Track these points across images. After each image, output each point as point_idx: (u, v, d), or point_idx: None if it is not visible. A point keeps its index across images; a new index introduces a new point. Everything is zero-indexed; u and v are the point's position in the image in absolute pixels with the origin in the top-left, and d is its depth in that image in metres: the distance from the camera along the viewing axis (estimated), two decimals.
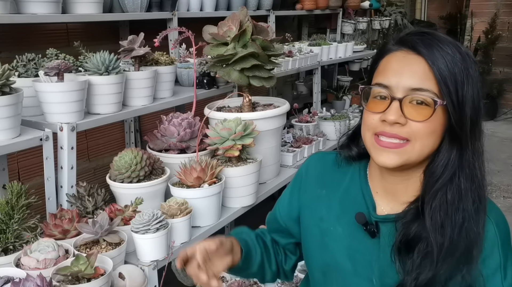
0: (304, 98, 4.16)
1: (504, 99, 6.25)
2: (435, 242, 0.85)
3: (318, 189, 1.04)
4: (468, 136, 0.86)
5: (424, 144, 0.85)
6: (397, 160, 0.86)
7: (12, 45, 2.11)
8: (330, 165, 1.05)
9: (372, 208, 0.96)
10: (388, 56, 0.90)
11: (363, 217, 0.94)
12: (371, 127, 0.88)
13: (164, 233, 1.40)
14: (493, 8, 6.25)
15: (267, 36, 1.86)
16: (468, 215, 0.85)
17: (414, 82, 0.84)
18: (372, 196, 0.97)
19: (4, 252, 1.28)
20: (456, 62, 0.84)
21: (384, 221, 0.93)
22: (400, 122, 0.84)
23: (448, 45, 0.85)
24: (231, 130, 1.70)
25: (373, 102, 0.89)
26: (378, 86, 0.88)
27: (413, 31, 0.90)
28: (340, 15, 4.30)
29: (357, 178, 1.00)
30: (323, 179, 1.05)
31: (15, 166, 2.21)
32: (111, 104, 1.65)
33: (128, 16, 2.25)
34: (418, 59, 0.85)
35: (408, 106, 0.84)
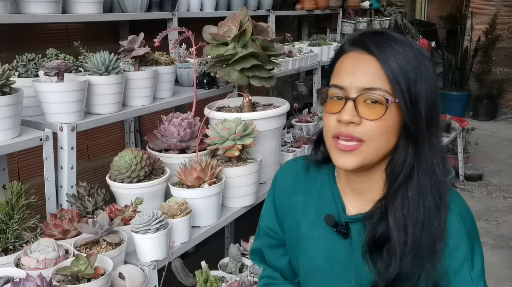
0: (304, 98, 4.16)
1: (504, 99, 6.25)
2: (398, 240, 0.86)
3: (294, 196, 1.05)
4: (423, 132, 0.86)
5: (379, 143, 0.86)
6: (354, 161, 0.87)
7: (12, 45, 2.11)
8: (301, 171, 1.06)
9: (342, 209, 0.97)
10: (342, 57, 0.91)
11: (332, 219, 0.96)
12: (329, 129, 0.89)
13: (164, 233, 1.40)
14: (493, 8, 6.25)
15: (267, 36, 1.86)
16: (429, 211, 0.87)
17: (366, 81, 0.85)
18: (341, 197, 0.99)
19: (4, 252, 1.28)
20: (408, 60, 0.85)
21: (353, 221, 0.95)
22: (354, 121, 0.85)
23: (400, 44, 0.86)
24: (231, 130, 1.70)
25: (330, 104, 0.90)
26: (334, 87, 0.89)
27: (366, 31, 0.91)
28: (340, 15, 4.30)
29: (326, 180, 1.02)
30: (297, 185, 1.06)
31: (15, 166, 2.21)
32: (111, 104, 1.65)
33: (128, 16, 2.25)
34: (370, 58, 0.86)
35: (362, 105, 0.85)
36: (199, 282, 1.56)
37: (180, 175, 1.60)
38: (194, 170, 1.57)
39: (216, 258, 1.91)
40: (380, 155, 0.88)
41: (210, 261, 1.75)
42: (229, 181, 1.71)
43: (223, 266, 1.87)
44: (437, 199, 0.88)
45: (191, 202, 1.55)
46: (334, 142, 0.89)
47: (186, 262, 1.72)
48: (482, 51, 6.22)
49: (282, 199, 1.08)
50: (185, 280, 1.72)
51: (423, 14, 7.68)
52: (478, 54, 6.24)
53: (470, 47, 6.31)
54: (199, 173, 1.57)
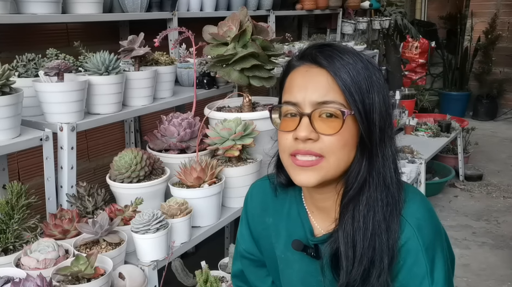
0: None
1: (504, 99, 6.25)
2: (345, 255, 0.84)
3: (265, 218, 1.03)
4: (377, 144, 0.85)
5: (339, 158, 0.84)
6: (315, 177, 0.84)
7: (12, 45, 2.11)
8: (269, 192, 1.04)
9: (309, 231, 0.95)
10: (292, 72, 0.89)
11: (299, 244, 0.94)
12: (286, 148, 0.86)
13: (164, 233, 1.40)
14: (493, 8, 6.25)
15: (267, 36, 1.86)
16: (379, 225, 0.84)
17: (319, 95, 0.83)
18: (308, 219, 0.97)
19: (4, 252, 1.28)
20: (358, 70, 0.83)
21: (321, 242, 0.93)
22: (312, 137, 0.82)
23: (348, 55, 0.85)
24: (231, 130, 1.70)
25: (285, 121, 0.87)
26: (286, 104, 0.86)
27: (313, 44, 0.89)
28: (340, 15, 4.30)
29: (294, 202, 1.00)
30: (267, 207, 1.03)
31: (15, 166, 2.21)
32: (111, 104, 1.65)
33: (128, 16, 2.25)
34: (320, 71, 0.84)
35: (318, 120, 0.83)
36: (199, 282, 1.56)
37: (180, 175, 1.60)
38: (194, 170, 1.57)
39: (216, 258, 1.91)
40: (341, 169, 0.86)
41: (210, 261, 1.75)
42: (229, 181, 1.71)
43: (223, 266, 1.87)
44: (387, 214, 0.85)
45: (191, 202, 1.55)
46: (292, 160, 0.86)
47: (186, 262, 1.72)
48: (482, 51, 6.22)
49: (255, 222, 1.06)
50: (185, 280, 1.72)
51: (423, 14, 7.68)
52: (478, 54, 6.25)
53: (470, 47, 6.31)
54: (199, 173, 1.57)
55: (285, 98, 0.88)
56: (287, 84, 0.89)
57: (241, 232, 1.10)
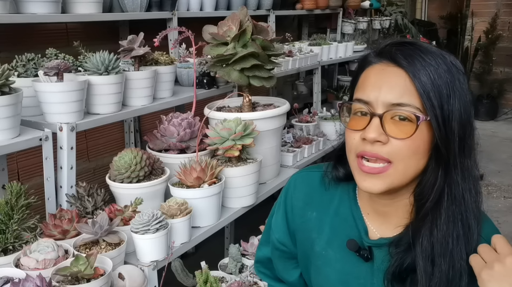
0: (304, 98, 4.16)
1: (505, 99, 6.25)
2: (425, 271, 0.80)
3: (308, 211, 0.99)
4: (456, 154, 0.79)
5: (407, 165, 0.79)
6: (381, 185, 0.80)
7: (12, 45, 2.11)
8: (316, 185, 0.99)
9: (364, 232, 0.91)
10: (367, 69, 0.84)
11: (355, 244, 0.89)
12: (352, 148, 0.82)
13: (164, 233, 1.39)
14: (493, 8, 6.25)
15: (267, 36, 1.86)
16: (458, 242, 0.80)
17: (394, 96, 0.78)
18: (363, 219, 0.92)
19: (4, 252, 1.28)
20: (440, 74, 0.77)
21: (377, 246, 0.89)
22: (381, 140, 0.78)
23: (431, 56, 0.79)
24: (231, 130, 1.69)
25: (354, 120, 0.83)
26: (358, 102, 0.82)
27: (393, 41, 0.84)
28: (340, 15, 4.30)
29: (346, 199, 0.95)
30: (312, 200, 0.99)
31: (15, 166, 2.21)
32: (111, 104, 1.65)
33: (128, 16, 2.25)
34: (398, 71, 0.79)
35: (390, 123, 0.78)
36: (199, 283, 1.56)
37: (180, 175, 1.59)
38: (194, 170, 1.57)
39: (216, 258, 1.91)
40: (408, 178, 0.81)
41: (210, 261, 1.74)
42: (229, 181, 1.71)
43: (223, 266, 1.86)
44: (466, 229, 0.80)
45: (191, 202, 1.55)
46: (357, 162, 0.81)
47: (186, 262, 1.72)
48: (482, 51, 6.22)
49: (295, 214, 1.01)
50: (185, 281, 1.71)
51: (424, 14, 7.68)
52: (478, 54, 6.24)
53: (470, 47, 6.31)
54: (199, 173, 1.57)
55: (357, 96, 0.83)
56: (361, 81, 0.84)
57: (276, 222, 1.05)
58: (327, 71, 4.49)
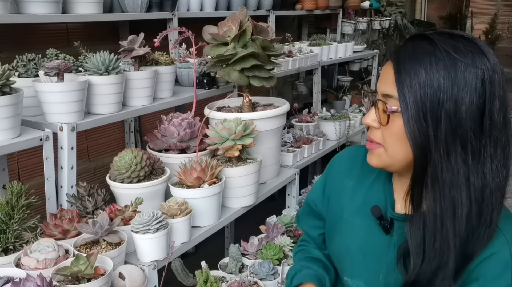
0: (304, 98, 4.16)
1: None
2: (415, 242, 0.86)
3: (346, 180, 1.08)
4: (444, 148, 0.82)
5: (395, 150, 0.88)
6: (374, 161, 0.93)
7: (12, 45, 2.11)
8: (361, 158, 1.08)
9: (390, 205, 0.98)
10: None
11: (378, 211, 0.97)
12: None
13: (164, 233, 1.40)
14: (493, 8, 6.26)
15: (267, 36, 1.86)
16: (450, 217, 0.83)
17: (384, 88, 0.88)
18: (392, 194, 0.99)
19: (4, 252, 1.28)
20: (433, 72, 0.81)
21: (399, 219, 0.95)
22: (373, 125, 0.90)
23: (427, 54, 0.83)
24: (231, 130, 1.70)
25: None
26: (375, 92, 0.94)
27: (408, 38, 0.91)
28: (340, 15, 4.30)
29: (383, 175, 1.03)
30: (352, 171, 1.08)
31: (15, 166, 2.21)
32: (111, 104, 1.65)
33: (128, 16, 2.25)
34: (389, 65, 0.89)
35: (381, 111, 0.89)
36: (199, 282, 1.56)
37: (180, 175, 1.60)
38: (194, 170, 1.57)
39: (216, 258, 1.91)
40: (399, 161, 0.89)
41: (210, 261, 1.75)
42: (229, 181, 1.71)
43: (223, 266, 1.86)
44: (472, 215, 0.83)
45: (191, 202, 1.55)
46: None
47: (186, 262, 1.72)
48: None
49: (334, 180, 1.11)
50: (185, 280, 1.71)
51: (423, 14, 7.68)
52: None
53: None
54: (199, 173, 1.57)
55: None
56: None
57: (316, 185, 1.18)
58: (327, 71, 4.49)
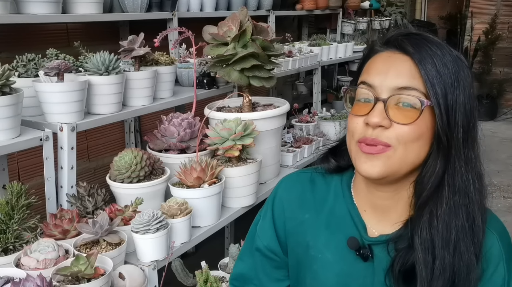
0: (304, 98, 4.16)
1: (504, 99, 6.25)
2: (424, 263, 0.78)
3: (301, 213, 0.95)
4: (458, 144, 0.78)
5: (408, 150, 0.78)
6: (379, 167, 0.79)
7: (12, 45, 2.11)
8: (307, 185, 0.97)
9: (363, 229, 0.88)
10: (373, 57, 0.85)
11: (356, 242, 0.87)
12: (354, 133, 0.82)
13: (164, 233, 1.40)
14: (493, 8, 6.25)
15: (267, 36, 1.86)
16: (463, 233, 0.78)
17: (400, 81, 0.78)
18: (360, 216, 0.90)
19: (4, 252, 1.28)
20: (445, 63, 0.78)
21: (377, 243, 0.87)
22: (383, 125, 0.77)
23: (437, 46, 0.80)
24: (231, 130, 1.70)
25: (357, 106, 0.83)
26: (362, 84, 0.82)
27: (400, 31, 0.84)
28: (340, 15, 4.30)
29: (341, 196, 0.93)
30: (304, 201, 0.96)
31: (15, 166, 2.21)
32: (111, 104, 1.65)
33: (128, 16, 2.25)
34: (404, 58, 0.80)
35: (393, 108, 0.78)
36: (199, 282, 1.56)
37: (180, 175, 1.60)
38: (194, 170, 1.57)
39: (216, 258, 1.91)
40: (407, 164, 0.80)
41: (210, 261, 1.75)
42: (229, 181, 1.71)
43: (223, 266, 1.87)
44: (470, 221, 0.79)
45: (191, 202, 1.55)
46: (359, 146, 0.81)
47: (186, 262, 1.72)
48: (482, 51, 6.23)
49: (286, 218, 0.97)
50: (185, 280, 1.72)
51: (423, 14, 7.69)
52: (478, 54, 6.25)
53: (470, 47, 6.31)
54: (199, 173, 1.57)
55: (362, 79, 0.84)
56: (366, 68, 0.85)
57: (263, 228, 1.00)
58: (327, 72, 4.49)
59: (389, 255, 0.84)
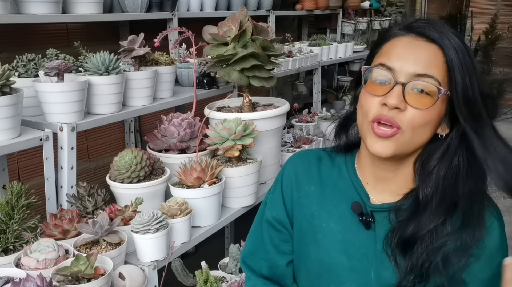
0: (304, 98, 4.16)
1: (504, 99, 6.25)
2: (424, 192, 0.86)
3: (306, 186, 1.00)
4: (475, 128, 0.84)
5: (416, 134, 0.83)
6: (391, 148, 0.84)
7: (12, 45, 2.11)
8: (314, 161, 1.02)
9: (366, 197, 0.94)
10: (393, 40, 0.87)
11: (359, 207, 0.92)
12: (369, 113, 0.85)
13: (164, 233, 1.40)
14: (493, 8, 6.25)
15: (267, 36, 1.86)
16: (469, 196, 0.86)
17: (419, 68, 0.82)
18: (363, 187, 0.95)
19: (4, 252, 1.28)
20: (464, 52, 0.83)
21: (379, 210, 0.91)
22: (400, 107, 0.81)
23: (454, 34, 0.84)
24: (231, 130, 1.70)
25: (373, 85, 0.86)
26: (382, 66, 0.85)
27: (418, 18, 0.87)
28: (340, 15, 4.30)
29: (344, 170, 0.98)
30: (310, 175, 1.01)
31: (15, 166, 2.21)
32: (111, 104, 1.65)
33: (128, 16, 2.25)
34: (426, 45, 0.83)
35: (410, 93, 0.82)
36: (199, 282, 1.56)
37: (180, 175, 1.60)
38: (194, 170, 1.57)
39: (216, 258, 1.91)
40: (414, 146, 0.86)
41: (210, 261, 1.75)
42: (229, 181, 1.71)
43: (223, 266, 1.87)
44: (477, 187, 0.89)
45: (191, 202, 1.55)
46: (372, 126, 0.85)
47: (186, 262, 1.72)
48: (482, 51, 6.22)
49: (293, 189, 1.01)
50: (185, 280, 1.72)
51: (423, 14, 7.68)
52: (478, 54, 6.24)
53: (470, 47, 6.31)
54: (199, 173, 1.57)
55: (381, 61, 0.86)
56: (385, 50, 0.87)
57: (273, 199, 1.05)
58: (327, 72, 4.49)
59: (390, 223, 0.89)
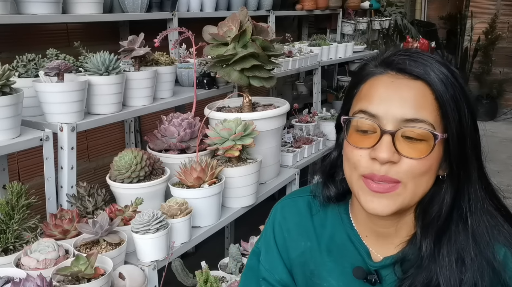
0: (304, 98, 4.16)
1: (504, 99, 6.25)
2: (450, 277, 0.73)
3: (302, 242, 0.90)
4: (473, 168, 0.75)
5: (418, 184, 0.73)
6: (390, 206, 0.73)
7: (12, 45, 2.11)
8: (305, 212, 0.91)
9: (367, 255, 0.83)
10: (371, 80, 0.76)
11: (362, 272, 0.82)
12: (358, 167, 0.74)
13: (164, 233, 1.40)
14: (493, 8, 6.25)
15: (267, 36, 1.86)
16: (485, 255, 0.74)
17: (407, 111, 0.70)
18: (363, 242, 0.85)
19: (4, 252, 1.28)
20: (454, 84, 0.72)
21: (383, 267, 0.82)
22: (393, 160, 0.70)
23: (439, 64, 0.73)
24: (231, 130, 1.70)
25: (358, 136, 0.75)
26: (363, 113, 0.73)
27: (396, 50, 0.76)
28: (340, 15, 4.30)
29: (339, 223, 0.87)
30: (303, 229, 0.91)
31: (15, 166, 2.21)
32: (111, 104, 1.65)
33: (128, 16, 2.25)
34: (410, 83, 0.72)
35: (402, 141, 0.71)
36: (199, 282, 1.56)
37: (180, 175, 1.60)
38: (194, 170, 1.57)
39: (216, 258, 1.91)
40: (418, 197, 0.75)
41: (210, 261, 1.75)
42: (229, 181, 1.71)
43: (223, 266, 1.87)
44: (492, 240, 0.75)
45: (191, 202, 1.55)
46: (364, 182, 0.74)
47: (186, 262, 1.72)
48: (482, 51, 6.23)
49: (289, 248, 0.91)
50: (185, 280, 1.72)
51: (423, 14, 7.69)
52: (478, 54, 6.25)
53: (470, 47, 6.31)
54: (199, 173, 1.57)
55: (361, 107, 0.74)
56: (364, 93, 0.76)
57: (271, 262, 0.93)
58: (327, 72, 4.49)
59: (396, 276, 0.80)
